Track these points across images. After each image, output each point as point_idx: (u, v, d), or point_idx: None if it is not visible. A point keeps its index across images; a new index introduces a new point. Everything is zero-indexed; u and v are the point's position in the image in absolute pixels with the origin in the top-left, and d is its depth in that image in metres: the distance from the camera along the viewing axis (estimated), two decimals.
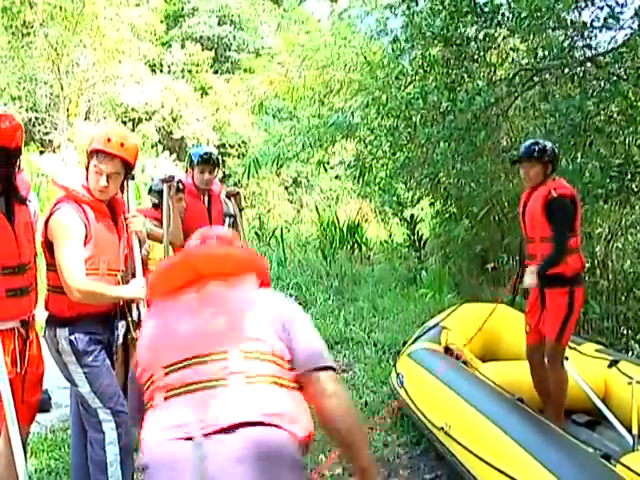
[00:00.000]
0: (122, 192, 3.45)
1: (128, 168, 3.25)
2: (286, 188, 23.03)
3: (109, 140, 3.15)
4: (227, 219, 5.02)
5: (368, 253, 12.69)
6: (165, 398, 1.83)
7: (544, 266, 4.06)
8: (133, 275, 3.44)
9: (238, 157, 20.96)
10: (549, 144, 4.27)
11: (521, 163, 4.28)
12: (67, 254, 3.04)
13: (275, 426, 1.73)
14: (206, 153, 4.89)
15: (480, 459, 3.31)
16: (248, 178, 12.39)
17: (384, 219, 15.39)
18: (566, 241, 4.04)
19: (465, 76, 7.36)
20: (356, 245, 12.74)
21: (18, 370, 2.86)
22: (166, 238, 3.76)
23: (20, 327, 2.91)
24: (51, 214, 3.14)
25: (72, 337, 3.13)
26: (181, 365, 1.85)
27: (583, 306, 6.71)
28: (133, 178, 3.46)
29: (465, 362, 4.76)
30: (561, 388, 4.19)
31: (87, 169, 3.23)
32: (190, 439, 1.71)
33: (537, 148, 4.17)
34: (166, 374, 1.86)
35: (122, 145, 3.17)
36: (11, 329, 2.85)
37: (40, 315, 3.14)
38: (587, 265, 7.42)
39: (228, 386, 1.78)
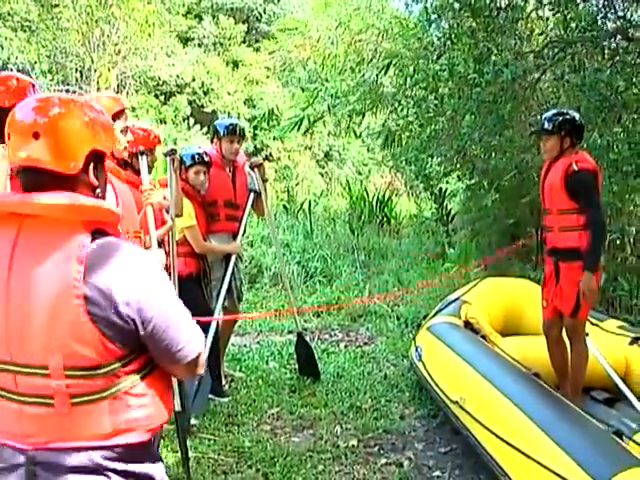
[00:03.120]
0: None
1: None
2: (317, 162, 22.99)
3: (119, 99, 3.27)
4: (251, 195, 5.06)
5: (397, 227, 12.64)
6: None
7: (593, 253, 3.96)
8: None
9: (269, 130, 20.94)
10: (572, 116, 4.13)
11: (539, 135, 4.22)
12: None
13: (108, 447, 1.65)
14: (231, 124, 4.98)
15: (491, 432, 3.32)
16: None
17: (414, 193, 15.30)
18: (601, 213, 3.98)
19: (493, 48, 7.24)
20: (385, 219, 12.68)
21: None
22: (172, 210, 3.81)
23: None
24: None
25: None
26: (0, 367, 1.66)
27: (609, 282, 6.69)
28: (144, 154, 3.50)
29: (484, 336, 4.74)
30: (581, 365, 4.14)
31: None
32: (21, 450, 1.64)
33: (556, 120, 4.05)
34: None
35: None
36: None
37: None
38: (617, 242, 7.34)
39: (54, 407, 1.62)
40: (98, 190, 1.78)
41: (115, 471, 1.65)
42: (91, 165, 1.73)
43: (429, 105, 8.07)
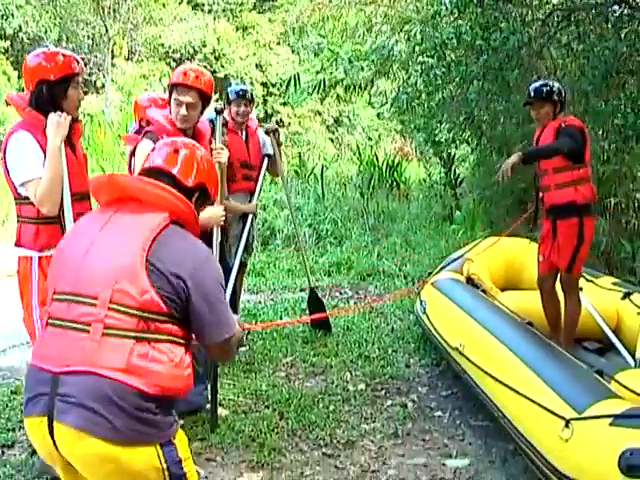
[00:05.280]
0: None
1: (205, 99, 3.63)
2: (327, 127, 23.16)
3: (185, 74, 3.56)
4: (266, 159, 5.35)
5: (406, 191, 12.90)
6: (46, 324, 2.06)
7: (538, 149, 4.38)
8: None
9: (280, 96, 21.11)
10: (557, 84, 4.48)
11: (532, 104, 4.48)
12: None
13: (118, 381, 1.91)
14: (242, 89, 5.27)
15: (486, 372, 3.66)
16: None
17: (424, 158, 15.51)
18: (563, 148, 4.20)
19: (500, 16, 7.43)
20: (395, 183, 12.94)
21: None
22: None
23: None
24: (135, 147, 3.63)
25: None
26: (61, 297, 2.03)
27: (612, 245, 6.94)
28: (221, 112, 3.82)
29: (484, 291, 5.06)
30: (574, 316, 4.45)
31: (169, 104, 3.66)
32: (50, 372, 1.96)
33: (546, 89, 4.38)
34: (52, 300, 2.07)
35: (197, 77, 3.57)
36: None
37: None
38: (622, 206, 7.58)
39: (89, 333, 1.93)
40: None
41: (120, 407, 1.92)
42: (197, 193, 2.28)
43: (436, 72, 8.28)
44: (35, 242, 3.14)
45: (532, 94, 4.44)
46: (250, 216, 5.22)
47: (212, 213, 3.70)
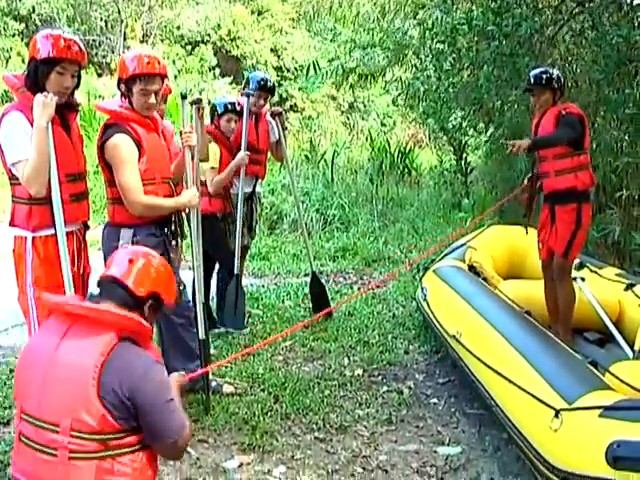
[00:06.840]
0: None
1: (163, 82, 3.60)
2: (342, 112, 23.04)
3: (148, 63, 3.47)
4: (245, 99, 5.31)
5: (417, 178, 12.83)
6: (19, 439, 2.24)
7: (538, 140, 4.37)
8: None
9: (295, 80, 21.01)
10: (556, 71, 4.52)
11: (532, 91, 4.51)
12: (126, 178, 3.44)
13: None
14: (262, 79, 5.24)
15: (480, 360, 3.65)
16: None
17: (437, 145, 15.40)
18: (564, 138, 4.25)
19: (512, 2, 7.35)
20: (406, 170, 12.87)
21: (75, 269, 3.29)
22: (197, 155, 4.10)
23: (79, 230, 3.37)
24: (105, 140, 3.49)
25: (135, 239, 3.54)
26: (29, 419, 2.19)
27: (623, 236, 6.87)
28: (186, 97, 3.80)
29: (485, 279, 5.03)
30: (569, 303, 4.45)
31: (125, 94, 3.55)
32: None
33: (545, 76, 4.40)
34: (21, 418, 2.23)
35: (159, 63, 3.52)
36: (71, 232, 3.27)
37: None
38: (635, 197, 7.48)
39: (57, 457, 2.12)
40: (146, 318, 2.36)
41: None
42: (150, 301, 2.38)
43: (447, 58, 8.21)
44: (28, 222, 3.16)
45: (532, 81, 4.47)
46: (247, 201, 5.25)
47: (189, 197, 3.70)
